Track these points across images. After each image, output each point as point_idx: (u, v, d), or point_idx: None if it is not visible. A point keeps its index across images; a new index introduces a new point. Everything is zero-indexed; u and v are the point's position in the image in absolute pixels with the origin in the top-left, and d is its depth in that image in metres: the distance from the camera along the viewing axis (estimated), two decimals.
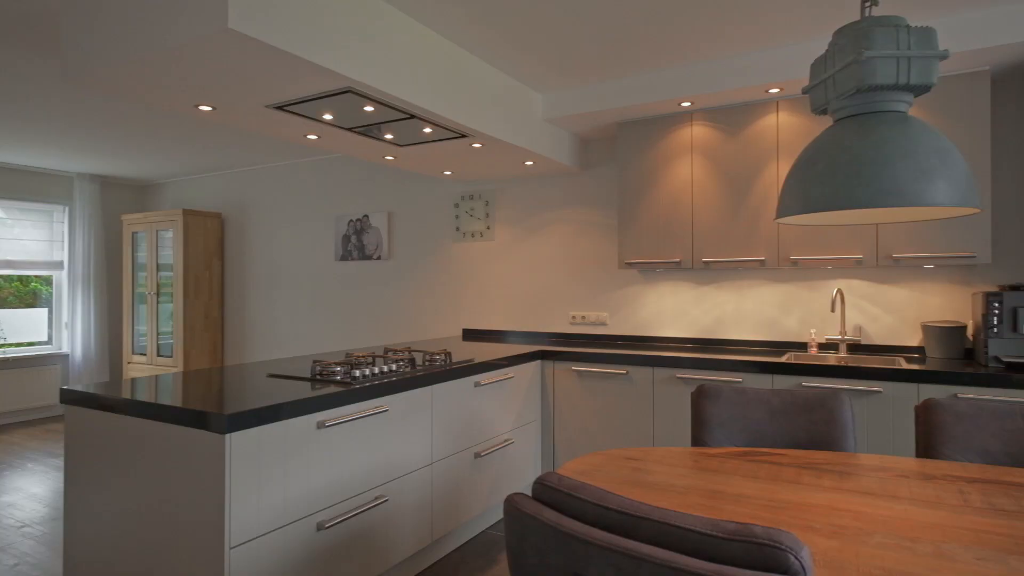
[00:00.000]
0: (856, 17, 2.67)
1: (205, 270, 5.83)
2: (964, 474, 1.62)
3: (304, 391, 2.13)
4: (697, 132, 3.42)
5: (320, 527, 2.08)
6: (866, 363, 2.88)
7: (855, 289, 3.31)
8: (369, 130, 3.12)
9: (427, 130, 3.09)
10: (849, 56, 1.33)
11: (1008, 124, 3.02)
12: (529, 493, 2.44)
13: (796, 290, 3.45)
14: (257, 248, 5.80)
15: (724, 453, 1.85)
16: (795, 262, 3.14)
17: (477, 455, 2.92)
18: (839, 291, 3.20)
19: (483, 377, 2.99)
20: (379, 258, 5.01)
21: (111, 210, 6.53)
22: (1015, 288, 2.72)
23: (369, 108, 2.71)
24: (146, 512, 1.95)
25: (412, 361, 2.71)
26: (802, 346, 3.42)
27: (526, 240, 4.38)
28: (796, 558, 0.85)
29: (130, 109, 3.99)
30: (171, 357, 5.77)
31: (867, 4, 1.41)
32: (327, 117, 2.86)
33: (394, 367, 2.60)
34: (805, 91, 1.49)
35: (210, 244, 5.88)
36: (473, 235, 4.61)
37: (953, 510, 1.38)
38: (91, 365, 6.15)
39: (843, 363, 2.82)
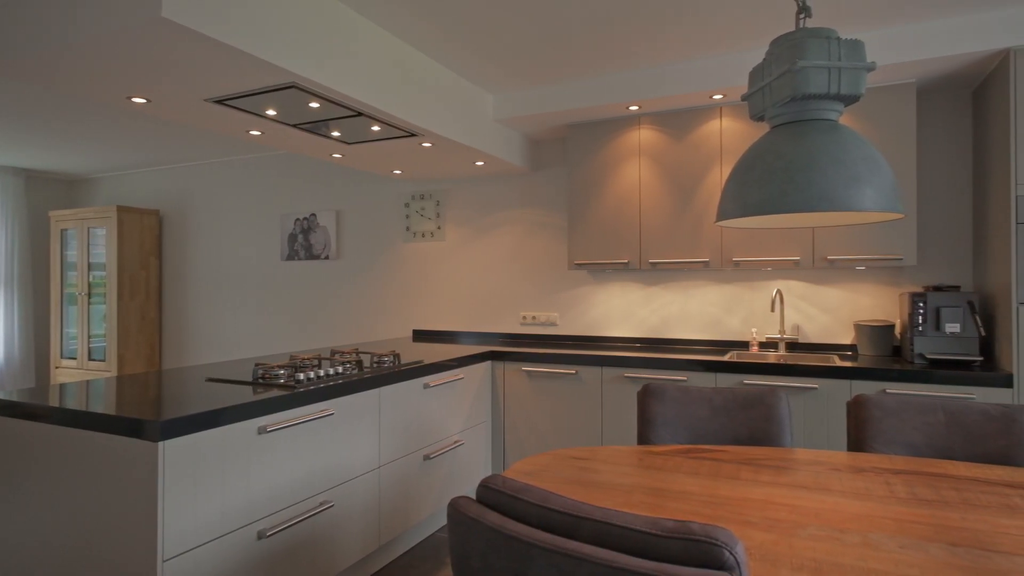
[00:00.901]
0: (792, 28, 2.77)
1: (141, 269, 5.58)
2: (890, 466, 1.71)
3: (245, 395, 2.06)
4: (645, 135, 3.48)
5: (261, 536, 2.02)
6: (803, 361, 2.99)
7: (793, 290, 3.44)
8: (315, 127, 3.05)
9: (375, 128, 3.04)
10: (784, 65, 1.37)
11: (933, 134, 3.20)
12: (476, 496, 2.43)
13: (738, 290, 3.56)
14: (198, 247, 5.58)
15: (668, 451, 1.89)
16: (737, 263, 3.24)
17: (426, 457, 2.89)
18: (778, 291, 3.32)
19: (432, 378, 2.97)
20: (327, 258, 4.90)
21: (37, 206, 6.17)
22: (938, 289, 2.88)
23: (315, 104, 2.65)
24: (72, 526, 1.85)
25: (359, 363, 2.66)
26: (744, 345, 3.54)
27: (477, 240, 4.37)
28: (731, 553, 0.87)
29: (58, 99, 3.77)
30: (104, 361, 5.49)
31: (801, 16, 1.47)
32: (270, 113, 2.77)
33: (340, 369, 2.55)
34: (744, 98, 1.54)
35: (147, 242, 5.63)
36: (424, 235, 4.57)
37: (880, 501, 1.45)
38: (15, 370, 5.79)
39: (782, 361, 2.92)
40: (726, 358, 3.08)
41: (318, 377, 2.40)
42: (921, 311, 2.85)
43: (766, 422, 2.05)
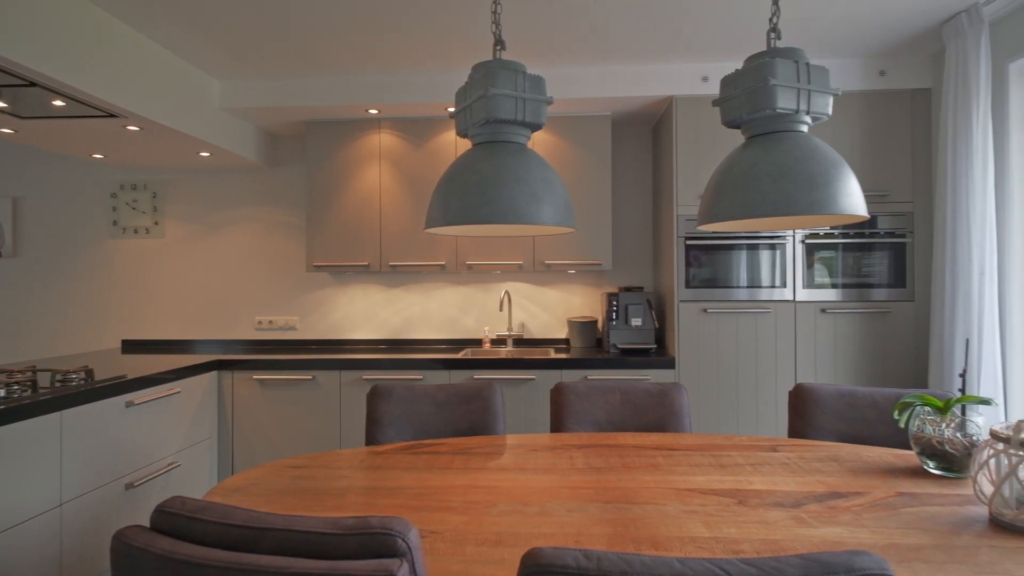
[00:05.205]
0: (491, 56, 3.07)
1: None
2: (576, 442, 2.00)
3: None
4: (385, 140, 3.53)
5: None
6: (525, 355, 3.34)
7: (519, 291, 3.81)
8: None
9: (59, 103, 2.56)
10: (480, 90, 1.52)
11: (624, 159, 3.82)
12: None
13: (473, 292, 3.82)
14: None
15: (390, 449, 1.94)
16: (470, 267, 3.48)
17: (129, 486, 2.53)
18: (506, 292, 3.64)
19: (138, 395, 2.61)
20: None
21: None
22: (628, 289, 3.45)
23: None
24: None
25: (34, 383, 2.22)
26: (478, 342, 3.80)
27: (205, 238, 3.96)
28: (403, 540, 0.93)
29: None
30: None
31: (497, 48, 1.64)
32: None
33: (3, 392, 2.09)
34: (452, 116, 1.66)
35: None
36: (136, 231, 3.99)
37: (561, 474, 1.69)
38: None
39: (507, 356, 3.22)
40: (459, 355, 3.28)
41: None
42: (615, 308, 3.39)
43: (483, 413, 2.24)
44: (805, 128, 1.51)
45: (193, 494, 3.02)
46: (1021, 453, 1.26)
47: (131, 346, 3.94)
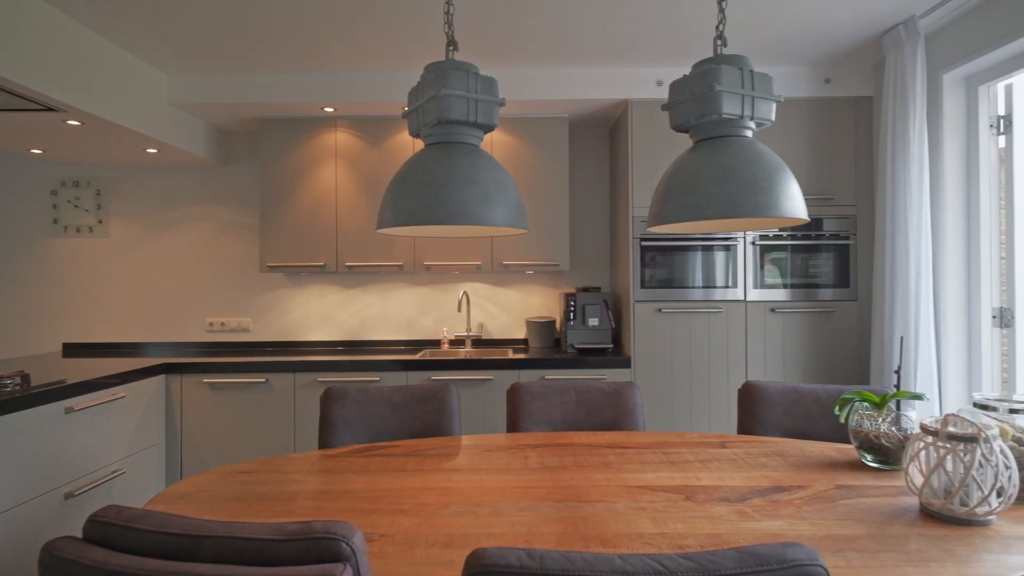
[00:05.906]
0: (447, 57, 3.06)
1: None
2: (531, 442, 2.01)
3: None
4: (341, 138, 3.48)
5: None
6: (484, 355, 3.33)
7: (478, 291, 3.80)
8: None
9: None
10: (432, 91, 1.51)
11: (582, 160, 3.86)
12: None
13: (431, 292, 3.80)
14: None
15: (344, 452, 1.92)
16: (428, 267, 3.46)
17: (69, 496, 2.42)
18: (465, 293, 3.63)
19: (78, 401, 2.50)
20: None
21: None
22: (585, 290, 3.49)
23: None
24: None
25: None
26: (436, 343, 3.78)
27: (153, 238, 3.83)
28: (348, 544, 0.92)
29: None
30: None
31: (450, 48, 1.63)
32: None
33: None
34: (403, 116, 1.65)
35: None
36: (79, 230, 3.83)
37: (515, 473, 1.70)
38: None
39: (466, 356, 3.21)
40: (417, 356, 3.25)
41: None
42: (572, 308, 3.42)
43: (439, 415, 2.23)
44: (749, 133, 1.55)
45: (138, 502, 2.92)
46: (948, 445, 1.33)
47: (73, 350, 3.78)
